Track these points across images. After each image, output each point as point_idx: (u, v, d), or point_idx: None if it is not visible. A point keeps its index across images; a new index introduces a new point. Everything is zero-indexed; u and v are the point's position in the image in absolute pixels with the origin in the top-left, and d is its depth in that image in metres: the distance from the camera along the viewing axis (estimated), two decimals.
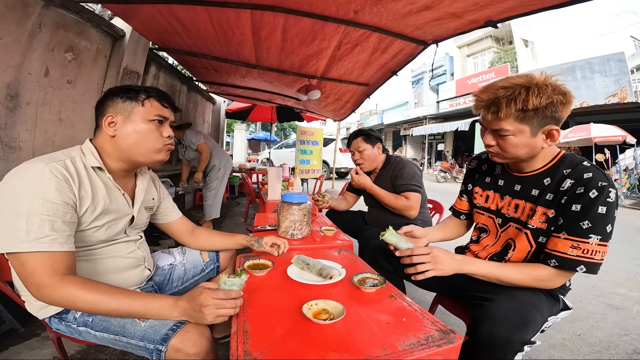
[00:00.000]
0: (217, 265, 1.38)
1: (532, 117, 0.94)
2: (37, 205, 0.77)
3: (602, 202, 0.90)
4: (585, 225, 0.91)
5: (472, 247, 1.30)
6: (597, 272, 0.92)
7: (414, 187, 1.90)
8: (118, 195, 1.01)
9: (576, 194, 0.94)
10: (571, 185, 0.96)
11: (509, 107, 0.93)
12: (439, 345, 0.74)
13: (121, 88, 0.99)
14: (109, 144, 0.98)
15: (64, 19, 2.15)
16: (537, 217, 1.03)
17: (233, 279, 0.84)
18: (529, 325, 0.89)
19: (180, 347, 0.80)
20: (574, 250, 0.92)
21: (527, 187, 1.09)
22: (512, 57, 15.25)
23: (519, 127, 0.96)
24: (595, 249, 0.91)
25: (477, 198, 1.29)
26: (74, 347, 1.46)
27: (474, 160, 1.35)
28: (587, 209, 0.91)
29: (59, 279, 0.78)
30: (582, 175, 0.95)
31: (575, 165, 0.99)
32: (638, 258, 3.48)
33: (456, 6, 1.81)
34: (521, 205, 1.10)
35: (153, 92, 1.01)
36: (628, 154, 8.80)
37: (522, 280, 0.99)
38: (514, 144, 0.99)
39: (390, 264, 1.37)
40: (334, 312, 0.84)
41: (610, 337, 1.83)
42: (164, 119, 1.02)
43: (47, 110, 2.12)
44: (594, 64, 10.16)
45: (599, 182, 0.92)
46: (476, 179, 1.31)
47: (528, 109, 0.92)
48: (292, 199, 1.57)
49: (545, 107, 0.92)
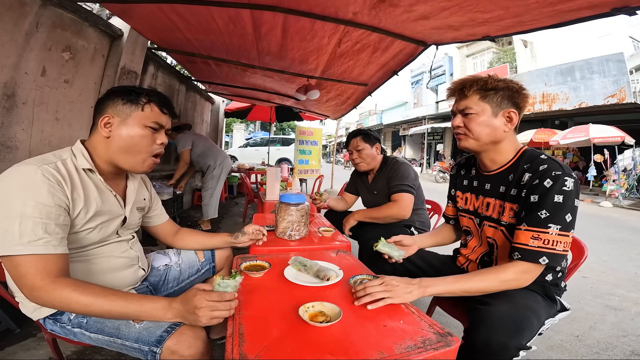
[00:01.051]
0: (212, 266, 1.38)
1: (493, 97, 1.06)
2: (29, 208, 0.77)
3: (557, 191, 0.93)
4: (544, 215, 0.93)
5: (462, 251, 1.32)
6: (560, 264, 0.94)
7: (405, 188, 1.90)
8: (110, 197, 1.01)
9: (533, 185, 0.98)
10: (529, 178, 1.01)
11: (472, 86, 1.08)
12: (436, 348, 0.73)
13: (123, 89, 0.98)
14: (102, 145, 0.97)
15: (61, 19, 2.14)
16: (507, 212, 1.08)
17: (227, 280, 0.83)
18: (525, 331, 0.89)
19: (175, 349, 0.80)
20: (535, 241, 0.94)
21: (496, 185, 1.14)
22: (512, 57, 15.28)
23: (481, 106, 1.07)
24: (556, 239, 0.92)
25: (459, 202, 1.34)
26: (69, 347, 1.46)
27: (455, 167, 1.41)
28: (543, 198, 0.95)
29: (52, 280, 0.78)
30: (538, 167, 1.00)
31: (534, 159, 1.05)
32: (637, 259, 3.48)
33: (453, 20, 1.83)
34: (492, 203, 1.15)
35: (154, 97, 1.00)
36: (627, 154, 8.82)
37: (491, 287, 0.98)
38: (477, 122, 1.08)
39: (389, 265, 1.37)
40: (331, 314, 0.84)
41: (609, 339, 1.83)
42: (160, 126, 1.01)
43: (43, 110, 2.11)
44: (593, 64, 10.16)
45: (553, 172, 0.96)
46: (457, 183, 1.36)
47: (488, 87, 1.06)
48: (290, 199, 1.56)
49: (503, 89, 1.05)
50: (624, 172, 8.63)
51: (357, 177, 2.32)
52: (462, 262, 1.31)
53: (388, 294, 0.92)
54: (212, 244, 1.37)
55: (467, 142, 1.13)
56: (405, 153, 22.65)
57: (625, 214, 6.84)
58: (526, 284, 0.99)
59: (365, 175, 2.22)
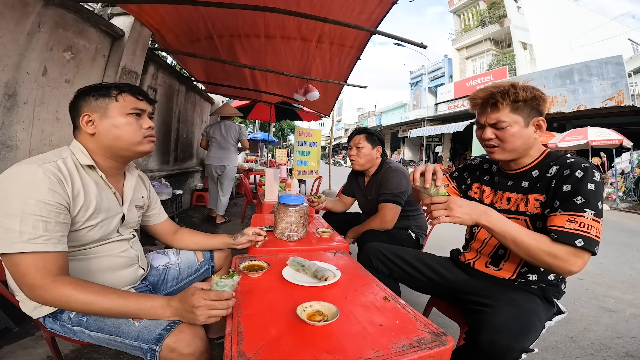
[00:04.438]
0: (211, 266, 1.39)
1: (523, 108, 1.08)
2: (30, 206, 0.78)
3: (589, 180, 0.98)
4: (579, 201, 0.97)
5: (473, 245, 1.31)
6: (594, 249, 0.93)
7: (390, 198, 1.89)
8: (109, 194, 1.02)
9: (564, 176, 1.02)
10: (557, 170, 1.06)
11: (504, 99, 1.07)
12: (431, 347, 0.75)
13: (91, 87, 0.99)
14: (91, 143, 0.98)
15: (63, 18, 2.15)
16: (532, 203, 1.11)
17: (225, 280, 0.85)
18: (529, 334, 0.90)
19: (174, 347, 0.81)
20: (571, 223, 0.95)
21: (518, 181, 1.18)
22: (511, 59, 15.33)
23: (513, 118, 1.08)
24: (590, 224, 0.94)
25: (472, 194, 1.35)
26: (67, 346, 1.46)
27: (478, 158, 1.42)
28: (577, 186, 0.98)
29: (51, 279, 0.79)
30: (565, 161, 1.07)
31: (560, 156, 1.11)
32: (632, 261, 3.51)
33: None
34: (513, 197, 1.18)
35: (125, 87, 1.01)
36: (624, 157, 8.85)
37: (538, 250, 0.96)
38: (512, 134, 1.09)
39: (385, 267, 1.38)
40: (328, 313, 0.85)
41: (603, 340, 1.84)
42: (142, 111, 1.03)
43: (44, 110, 2.12)
44: (592, 67, 10.20)
45: (582, 164, 1.02)
46: (476, 175, 1.37)
47: (519, 100, 1.07)
48: (289, 200, 1.58)
49: (531, 99, 1.07)
50: (622, 175, 8.67)
51: (354, 178, 2.33)
52: (469, 257, 1.31)
53: (447, 212, 0.99)
54: (211, 245, 1.38)
55: (503, 154, 1.14)
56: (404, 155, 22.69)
57: (622, 216, 6.88)
58: (568, 269, 0.94)
59: (362, 176, 2.23)
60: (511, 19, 15.18)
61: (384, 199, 1.91)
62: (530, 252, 0.97)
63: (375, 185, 2.06)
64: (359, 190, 2.26)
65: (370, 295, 1.02)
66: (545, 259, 0.96)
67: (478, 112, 1.17)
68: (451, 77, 18.85)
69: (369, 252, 1.44)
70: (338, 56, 3.63)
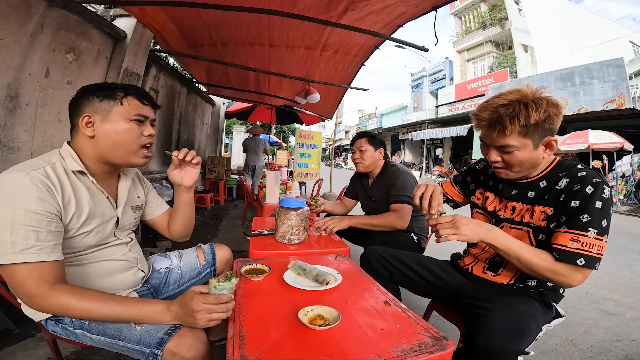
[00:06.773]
0: (213, 269, 1.39)
1: (534, 131, 0.99)
2: (20, 217, 0.76)
3: (598, 197, 0.96)
4: (585, 219, 0.96)
5: (472, 251, 1.31)
6: (595, 266, 0.94)
7: (405, 199, 1.91)
8: (102, 199, 1.00)
9: (573, 190, 1.00)
10: (567, 183, 1.03)
11: (513, 124, 0.98)
12: (431, 351, 0.75)
13: (96, 86, 0.95)
14: (87, 145, 0.95)
15: (66, 20, 2.16)
16: (537, 215, 1.08)
17: (223, 283, 0.84)
18: (524, 336, 0.91)
19: (176, 351, 0.81)
20: (574, 242, 0.95)
21: (523, 190, 1.14)
22: (512, 62, 15.35)
23: (522, 142, 1.01)
24: (593, 242, 0.94)
25: (475, 199, 1.33)
26: (68, 348, 1.47)
27: (482, 162, 1.38)
28: (585, 203, 0.96)
29: (48, 288, 0.78)
30: (576, 174, 1.02)
31: (571, 167, 1.06)
32: (633, 264, 3.50)
33: None
34: (518, 207, 1.15)
35: (131, 90, 0.97)
36: (625, 160, 8.84)
37: (540, 266, 0.98)
38: (519, 158, 1.04)
39: (386, 270, 1.39)
40: (330, 317, 0.85)
41: (603, 343, 1.84)
42: (145, 118, 0.99)
43: (46, 111, 2.13)
44: (593, 69, 10.20)
45: (594, 179, 0.98)
46: (480, 180, 1.34)
47: (530, 124, 0.97)
48: (290, 204, 1.58)
49: (544, 120, 0.98)
50: (622, 178, 8.65)
51: (357, 180, 2.34)
52: (467, 262, 1.31)
53: (454, 231, 0.99)
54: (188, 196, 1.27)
55: (509, 175, 1.11)
56: (404, 157, 22.69)
57: (623, 219, 6.87)
58: (568, 284, 0.98)
59: (366, 178, 2.24)
60: (512, 22, 15.21)
61: (399, 200, 1.92)
62: (532, 268, 1.00)
63: (380, 186, 2.07)
64: (363, 192, 2.27)
65: (371, 299, 1.02)
66: (547, 275, 0.99)
67: (483, 132, 1.08)
68: (452, 79, 18.87)
69: (370, 256, 1.45)
70: (342, 62, 3.66)
